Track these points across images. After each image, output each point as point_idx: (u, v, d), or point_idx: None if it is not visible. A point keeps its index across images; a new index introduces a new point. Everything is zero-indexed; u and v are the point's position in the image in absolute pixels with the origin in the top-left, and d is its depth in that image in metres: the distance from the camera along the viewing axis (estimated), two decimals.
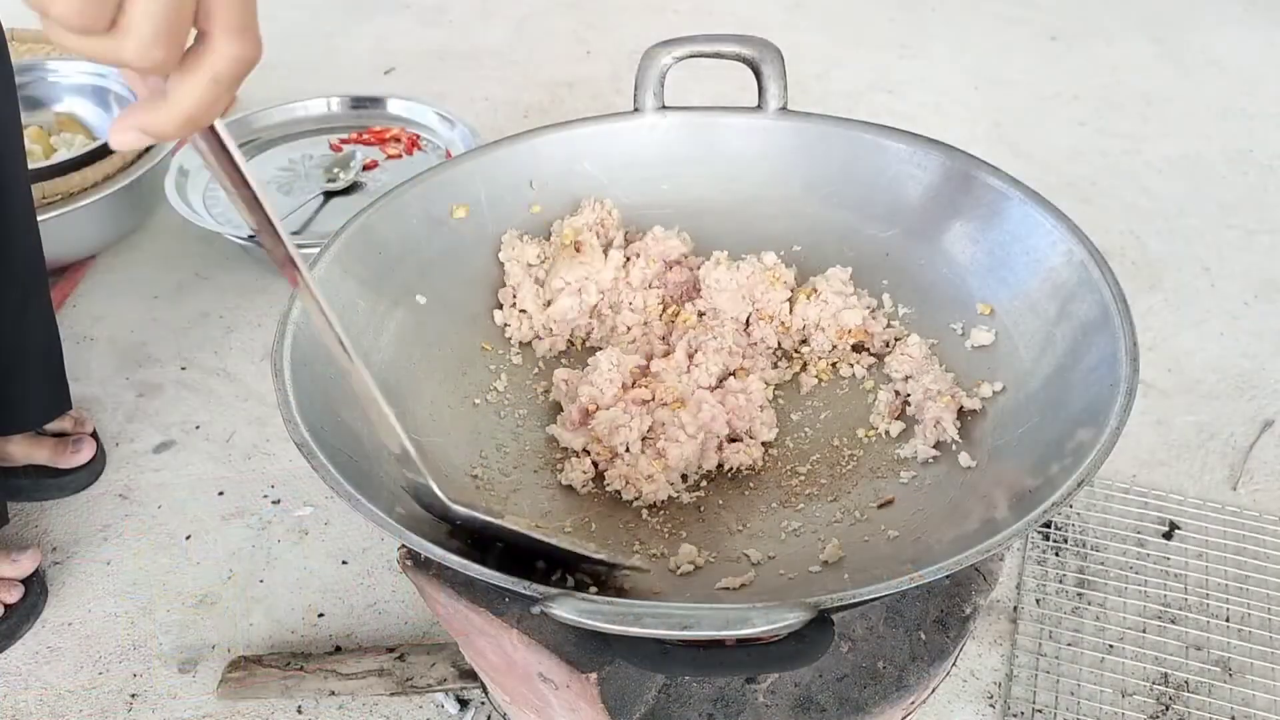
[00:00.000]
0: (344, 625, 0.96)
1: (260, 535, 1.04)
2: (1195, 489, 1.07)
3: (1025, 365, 0.70)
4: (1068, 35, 1.95)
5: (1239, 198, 1.51)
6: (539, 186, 0.84)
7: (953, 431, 0.69)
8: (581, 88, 1.81)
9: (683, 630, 0.47)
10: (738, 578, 0.62)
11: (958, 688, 0.89)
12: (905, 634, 0.67)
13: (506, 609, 0.63)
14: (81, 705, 0.90)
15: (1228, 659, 0.91)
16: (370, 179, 1.41)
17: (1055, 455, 0.60)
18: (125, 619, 0.97)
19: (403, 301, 0.76)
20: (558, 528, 0.67)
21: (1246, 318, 1.29)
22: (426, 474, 0.57)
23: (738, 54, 0.80)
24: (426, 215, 0.79)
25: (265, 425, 1.16)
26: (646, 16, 2.03)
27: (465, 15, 2.05)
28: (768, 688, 0.65)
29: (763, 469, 0.72)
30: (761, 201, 0.85)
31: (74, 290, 1.35)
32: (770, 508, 0.69)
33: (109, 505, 1.07)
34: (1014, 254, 0.74)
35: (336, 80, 1.82)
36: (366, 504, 0.55)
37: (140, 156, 1.34)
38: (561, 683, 0.62)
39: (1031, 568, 0.98)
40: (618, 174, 0.85)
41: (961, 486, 0.66)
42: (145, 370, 1.24)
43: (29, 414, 1.04)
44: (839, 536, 0.65)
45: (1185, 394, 1.18)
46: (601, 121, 0.84)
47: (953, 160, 0.78)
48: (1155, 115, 1.70)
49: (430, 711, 0.89)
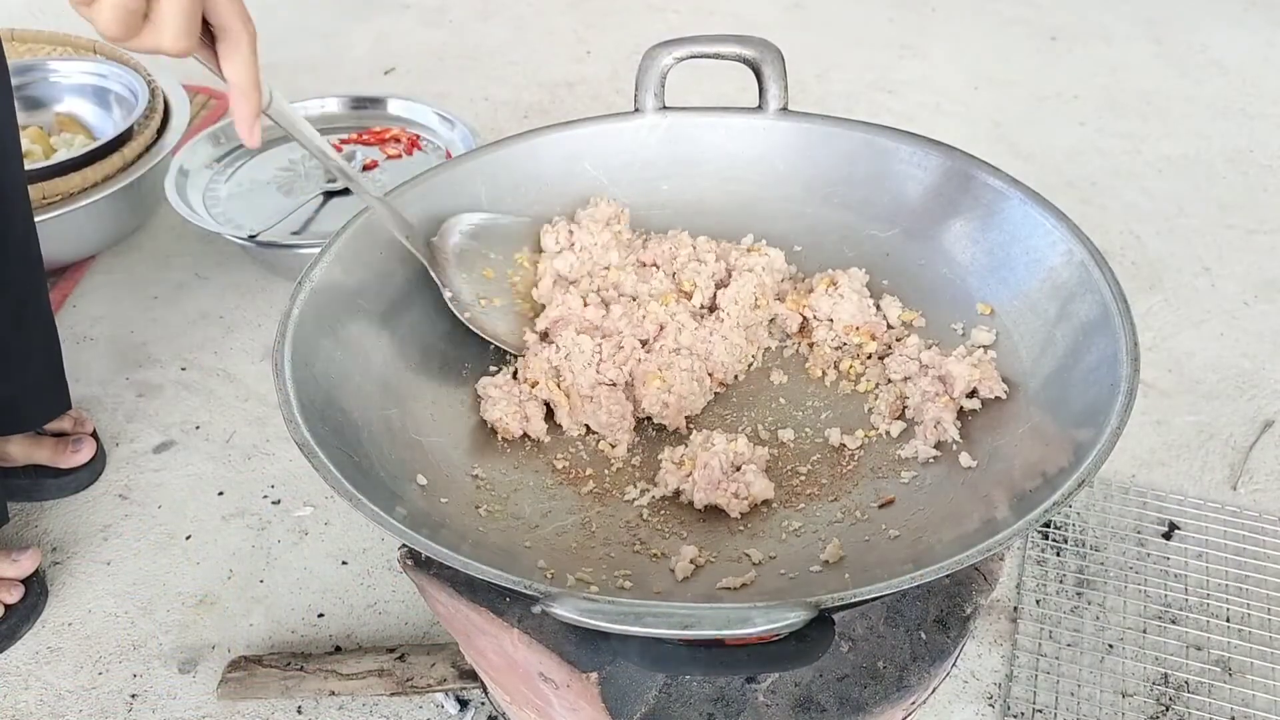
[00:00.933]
0: (344, 625, 0.96)
1: (260, 535, 1.04)
2: (1195, 489, 1.07)
3: (1025, 365, 0.70)
4: (1068, 35, 1.95)
5: (1238, 198, 1.51)
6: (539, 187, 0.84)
7: (953, 432, 0.69)
8: (581, 88, 1.81)
9: (683, 630, 0.47)
10: (738, 577, 0.62)
11: (958, 688, 0.89)
12: (905, 634, 0.67)
13: (507, 609, 0.63)
14: (81, 705, 0.90)
15: (1228, 659, 0.91)
16: (370, 179, 1.41)
17: (1055, 455, 0.60)
18: (125, 619, 0.97)
19: (403, 301, 0.76)
20: (557, 529, 0.67)
21: (1246, 318, 1.29)
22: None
23: (738, 54, 0.80)
24: (427, 215, 0.79)
25: (265, 425, 1.16)
26: (646, 16, 2.03)
27: (465, 15, 2.05)
28: (768, 688, 0.65)
29: (767, 466, 0.72)
30: (761, 201, 0.85)
31: (74, 290, 1.35)
32: (771, 507, 0.69)
33: (109, 505, 1.07)
34: (1014, 254, 0.74)
35: (336, 80, 1.82)
36: (367, 504, 0.55)
37: (140, 156, 1.34)
38: (562, 682, 0.62)
39: (1031, 568, 0.98)
40: (618, 174, 0.85)
41: (962, 486, 0.66)
42: (145, 370, 1.24)
43: (28, 415, 1.04)
44: (839, 536, 0.65)
45: (1185, 394, 1.18)
46: (601, 121, 0.84)
47: (953, 160, 0.78)
48: (1155, 115, 1.70)
49: (430, 711, 0.89)
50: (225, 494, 1.09)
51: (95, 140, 1.39)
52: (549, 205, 0.84)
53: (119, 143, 1.32)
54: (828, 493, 0.69)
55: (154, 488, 1.09)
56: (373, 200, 0.74)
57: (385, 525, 0.54)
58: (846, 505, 0.68)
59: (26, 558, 0.96)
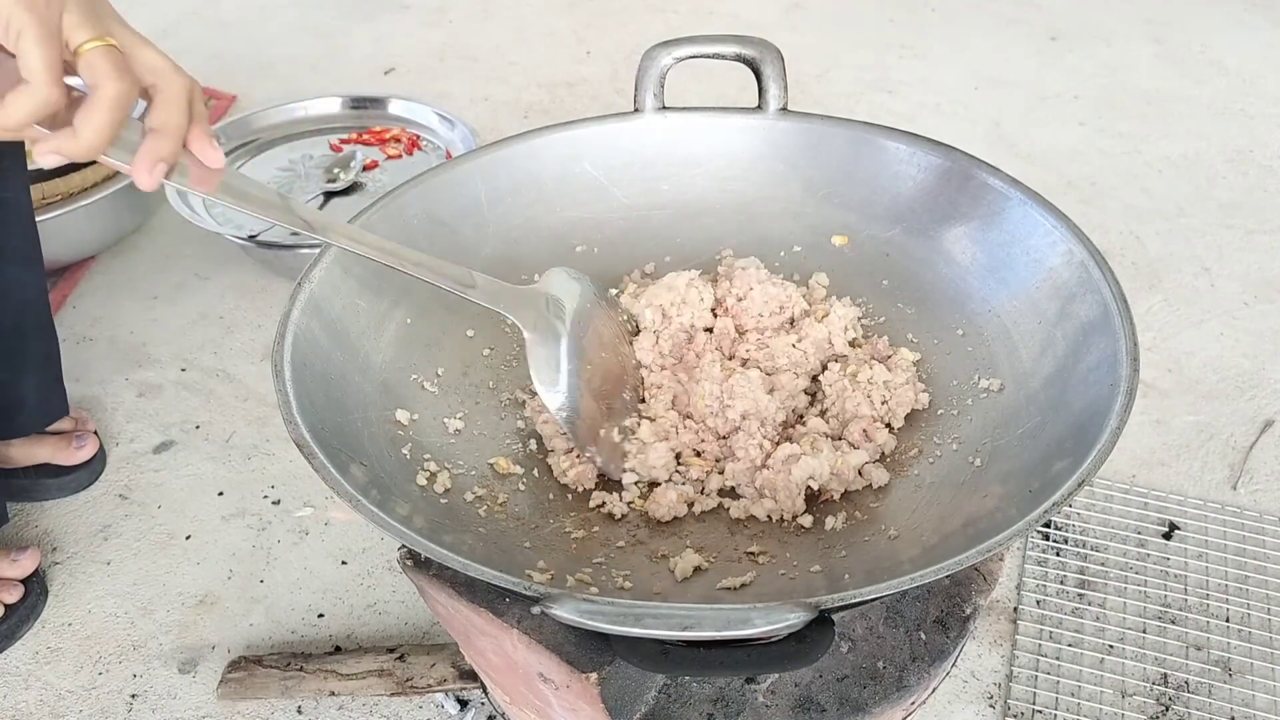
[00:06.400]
0: (344, 625, 0.96)
1: (260, 535, 1.04)
2: (1195, 489, 1.07)
3: (1025, 365, 0.70)
4: (1068, 35, 1.95)
5: (1239, 198, 1.51)
6: (539, 187, 0.84)
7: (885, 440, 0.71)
8: (581, 88, 1.81)
9: (683, 630, 0.47)
10: (738, 578, 0.62)
11: (958, 688, 0.89)
12: (905, 634, 0.67)
13: (506, 609, 0.63)
14: (81, 705, 0.90)
15: (1228, 659, 0.91)
16: (370, 179, 1.41)
17: (1055, 455, 0.60)
18: (125, 619, 0.97)
19: (403, 301, 0.76)
20: (557, 529, 0.67)
21: (1246, 318, 1.29)
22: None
23: (738, 54, 0.80)
24: (426, 215, 0.79)
25: (265, 425, 1.16)
26: (646, 17, 2.03)
27: (465, 15, 2.05)
28: (768, 688, 0.65)
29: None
30: (761, 201, 0.85)
31: (74, 290, 1.35)
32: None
33: (109, 505, 1.07)
34: (1014, 254, 0.74)
35: (336, 80, 1.82)
36: (367, 504, 0.55)
37: None
38: (562, 683, 0.62)
39: (1031, 568, 0.98)
40: (618, 174, 0.85)
41: (961, 486, 0.66)
42: (145, 370, 1.24)
43: (26, 420, 1.04)
44: (839, 536, 0.65)
45: (1185, 394, 1.18)
46: (601, 121, 0.84)
47: (953, 160, 0.78)
48: (1155, 115, 1.70)
49: (430, 711, 0.89)
50: (225, 494, 1.09)
51: None
52: (549, 205, 0.84)
53: None
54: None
55: (154, 488, 1.09)
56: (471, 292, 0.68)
57: (385, 526, 0.54)
58: (847, 505, 0.68)
59: (26, 558, 0.96)
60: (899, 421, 0.72)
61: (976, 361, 0.73)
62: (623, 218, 0.85)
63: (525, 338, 0.68)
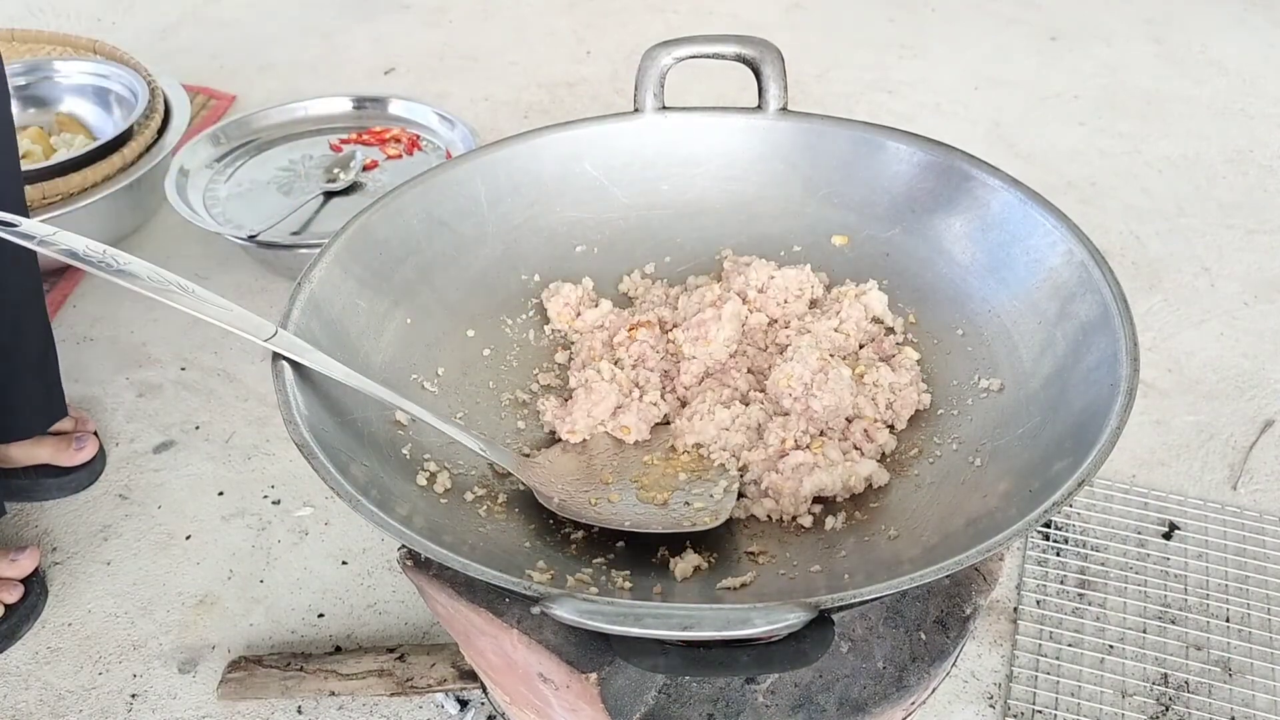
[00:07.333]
0: (344, 625, 0.96)
1: (260, 535, 1.04)
2: (1195, 489, 1.07)
3: (1025, 365, 0.70)
4: (1068, 35, 1.95)
5: (1239, 198, 1.51)
6: (539, 187, 0.84)
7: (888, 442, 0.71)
8: (581, 88, 1.81)
9: (683, 631, 0.47)
10: (738, 578, 0.62)
11: (958, 688, 0.89)
12: (905, 634, 0.67)
13: (506, 609, 0.63)
14: (81, 705, 0.90)
15: (1228, 659, 0.91)
16: (370, 179, 1.41)
17: (1055, 455, 0.60)
18: (125, 619, 0.97)
19: (403, 302, 0.76)
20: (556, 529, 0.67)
21: (1246, 318, 1.29)
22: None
23: (738, 54, 0.80)
24: (426, 215, 0.79)
25: (265, 425, 1.16)
26: (646, 17, 2.03)
27: (465, 15, 2.05)
28: (768, 688, 0.65)
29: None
30: (761, 201, 0.85)
31: (74, 290, 1.35)
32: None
33: (109, 505, 1.07)
34: (1014, 254, 0.74)
35: (336, 80, 1.82)
36: (366, 504, 0.55)
37: (140, 157, 1.34)
38: (561, 683, 0.62)
39: (1031, 568, 0.98)
40: (618, 174, 0.85)
41: (961, 486, 0.66)
42: (145, 370, 1.24)
43: (23, 422, 1.04)
44: (839, 536, 0.65)
45: (1185, 394, 1.18)
46: (601, 121, 0.84)
47: (953, 160, 0.78)
48: (1155, 115, 1.70)
49: (430, 712, 0.89)
50: (225, 494, 1.09)
51: (95, 140, 1.39)
52: (549, 206, 0.84)
53: (119, 143, 1.32)
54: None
55: (154, 488, 1.09)
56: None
57: (385, 526, 0.54)
58: (846, 505, 0.68)
59: (26, 557, 0.96)
60: (902, 424, 0.72)
61: (976, 361, 0.73)
62: (623, 218, 0.85)
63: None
